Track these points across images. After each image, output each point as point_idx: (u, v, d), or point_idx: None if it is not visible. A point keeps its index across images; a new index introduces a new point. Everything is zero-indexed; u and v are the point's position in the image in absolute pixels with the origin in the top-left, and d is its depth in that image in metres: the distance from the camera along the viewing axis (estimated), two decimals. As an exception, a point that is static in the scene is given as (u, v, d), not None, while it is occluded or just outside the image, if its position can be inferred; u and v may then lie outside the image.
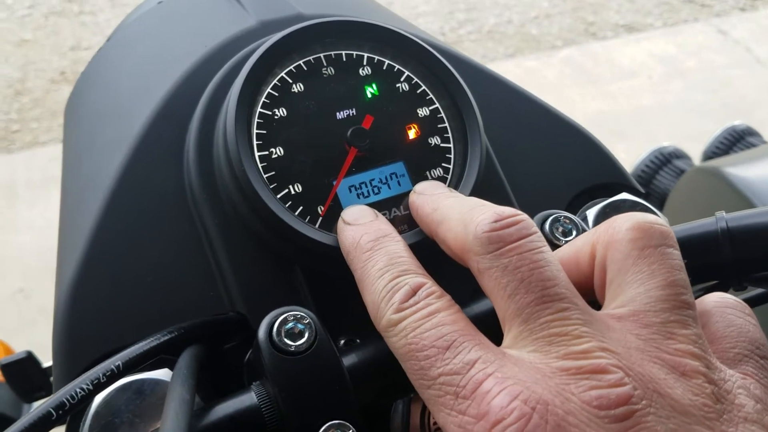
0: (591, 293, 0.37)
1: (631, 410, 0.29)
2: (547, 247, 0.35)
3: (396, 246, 0.40)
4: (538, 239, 0.35)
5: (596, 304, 0.36)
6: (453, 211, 0.39)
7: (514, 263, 0.34)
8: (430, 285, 0.36)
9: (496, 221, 0.35)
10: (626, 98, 3.16)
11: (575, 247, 0.38)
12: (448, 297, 0.36)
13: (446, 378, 0.32)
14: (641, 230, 0.35)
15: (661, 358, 0.31)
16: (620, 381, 0.30)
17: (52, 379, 0.79)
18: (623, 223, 0.36)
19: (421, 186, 0.45)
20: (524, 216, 0.36)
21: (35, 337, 2.09)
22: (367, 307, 0.38)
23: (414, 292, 0.36)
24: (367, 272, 0.39)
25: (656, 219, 0.36)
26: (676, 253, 0.35)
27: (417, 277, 0.37)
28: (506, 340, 0.34)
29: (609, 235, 0.36)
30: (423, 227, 0.44)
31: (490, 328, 0.35)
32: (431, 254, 0.42)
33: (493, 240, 0.35)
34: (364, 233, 0.41)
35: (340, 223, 0.43)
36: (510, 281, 0.34)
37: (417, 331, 0.34)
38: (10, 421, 0.96)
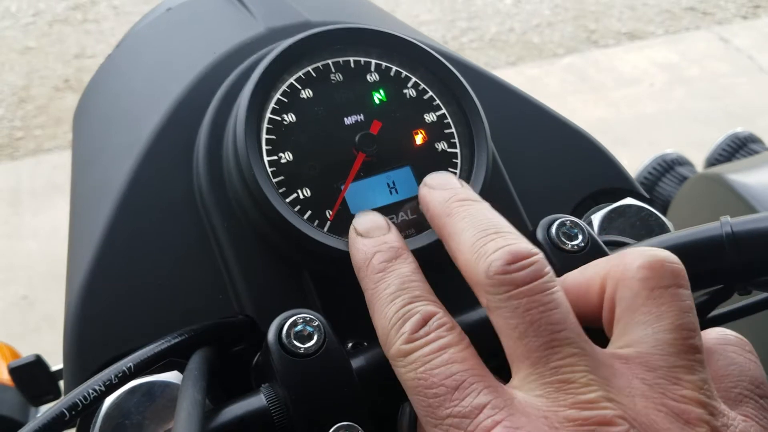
0: (599, 322, 0.37)
1: None
2: (558, 288, 0.35)
3: (408, 268, 0.39)
4: (550, 280, 0.35)
5: (604, 335, 0.36)
6: (466, 228, 0.39)
7: (524, 305, 0.34)
8: (441, 315, 0.36)
9: (509, 263, 0.35)
10: (628, 106, 3.16)
11: (586, 276, 0.38)
12: (458, 329, 0.36)
13: (454, 420, 0.32)
14: (652, 269, 0.35)
15: (666, 404, 0.32)
16: None
17: (60, 382, 0.80)
18: (634, 260, 0.35)
19: (432, 179, 0.44)
20: (539, 256, 0.35)
21: (39, 344, 2.09)
22: (376, 331, 0.38)
23: (425, 321, 0.36)
24: (378, 295, 0.38)
25: (667, 256, 0.35)
26: (686, 293, 0.35)
27: (428, 305, 0.37)
28: (514, 380, 0.34)
29: (620, 271, 0.36)
30: (433, 226, 0.43)
31: (497, 342, 0.36)
32: (438, 257, 0.43)
33: (504, 282, 0.35)
34: (376, 251, 0.40)
35: (351, 233, 0.43)
36: (519, 323, 0.34)
37: (426, 366, 0.34)
38: (18, 424, 0.96)
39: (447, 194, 0.42)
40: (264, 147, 0.46)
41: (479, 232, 0.38)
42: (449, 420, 0.32)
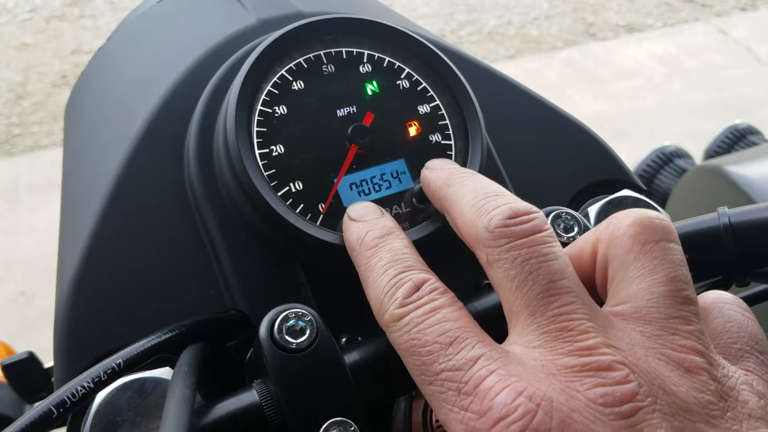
0: (593, 291, 0.37)
1: (636, 407, 0.29)
2: (557, 242, 0.35)
3: (400, 243, 0.40)
4: (550, 235, 0.35)
5: (599, 302, 0.36)
6: (468, 193, 0.39)
7: (523, 256, 0.34)
8: (433, 281, 0.36)
9: (510, 218, 0.35)
10: (627, 99, 3.16)
11: (577, 246, 0.38)
12: (451, 294, 0.36)
13: (448, 374, 0.32)
14: (642, 226, 0.35)
15: (666, 354, 0.31)
16: (625, 378, 0.30)
17: (53, 379, 0.79)
18: (624, 219, 0.36)
19: (433, 162, 0.45)
20: (539, 213, 0.36)
21: (37, 341, 2.09)
22: (370, 303, 0.38)
23: (417, 287, 0.36)
24: (371, 268, 0.39)
25: (657, 214, 0.36)
26: (678, 248, 0.35)
27: (421, 273, 0.37)
28: (512, 334, 0.34)
29: (610, 231, 0.36)
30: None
31: (493, 324, 0.35)
32: (434, 250, 0.42)
33: (505, 235, 0.35)
34: (369, 230, 0.41)
35: (345, 219, 0.43)
36: (518, 273, 0.34)
37: (420, 327, 0.34)
38: (12, 422, 0.96)
39: (448, 171, 0.43)
40: (255, 139, 0.45)
41: (481, 194, 0.38)
42: (444, 374, 0.32)
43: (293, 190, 0.45)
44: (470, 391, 0.31)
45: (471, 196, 0.39)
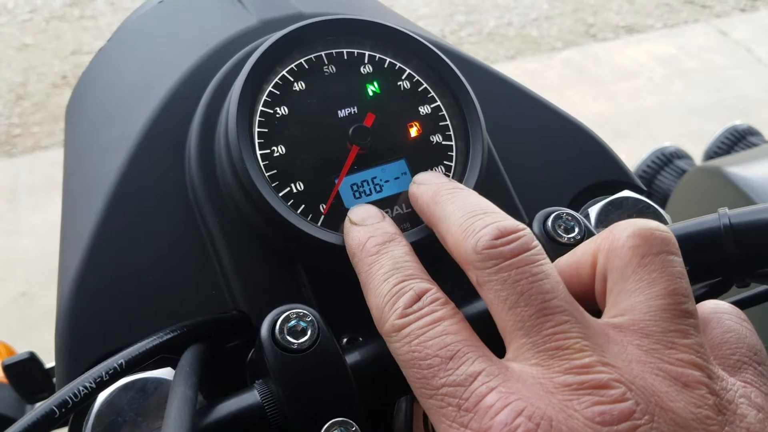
0: (592, 302, 0.37)
1: (633, 425, 0.29)
2: (547, 260, 0.35)
3: (401, 250, 0.40)
4: (538, 252, 0.35)
5: (598, 313, 0.36)
6: (455, 211, 0.39)
7: (513, 277, 0.34)
8: (434, 291, 0.36)
9: (496, 238, 0.35)
10: (627, 99, 3.16)
11: (576, 256, 0.38)
12: (452, 304, 0.36)
13: (449, 389, 0.32)
14: (642, 237, 0.35)
15: (663, 369, 0.31)
16: (622, 396, 0.30)
17: (54, 380, 0.79)
18: (624, 230, 0.36)
19: (420, 176, 0.45)
20: (525, 231, 0.36)
21: (37, 341, 2.09)
22: (370, 311, 0.38)
23: (418, 297, 0.36)
24: (372, 276, 0.39)
25: (657, 225, 0.35)
26: (678, 260, 0.35)
27: (422, 282, 0.37)
28: (508, 353, 0.34)
29: (609, 242, 0.36)
30: (423, 219, 0.43)
31: (491, 329, 0.35)
32: (433, 252, 0.42)
33: (493, 256, 0.35)
34: (370, 236, 0.41)
35: (346, 222, 0.43)
36: (510, 294, 0.34)
37: (420, 339, 0.34)
38: (13, 422, 0.96)
39: (435, 186, 0.43)
40: (256, 140, 0.46)
41: (467, 212, 0.38)
42: (444, 389, 0.32)
43: (294, 190, 0.45)
44: (470, 408, 0.31)
45: (458, 214, 0.38)
